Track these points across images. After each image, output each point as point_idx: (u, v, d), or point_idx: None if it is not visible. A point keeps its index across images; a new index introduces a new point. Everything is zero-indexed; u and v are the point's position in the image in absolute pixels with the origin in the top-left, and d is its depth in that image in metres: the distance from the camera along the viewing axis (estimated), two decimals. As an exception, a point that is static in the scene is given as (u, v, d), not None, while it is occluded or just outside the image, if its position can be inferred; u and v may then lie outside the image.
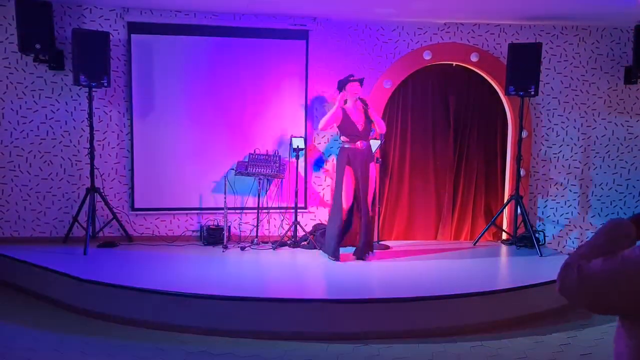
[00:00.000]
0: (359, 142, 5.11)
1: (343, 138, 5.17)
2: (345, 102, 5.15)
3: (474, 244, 5.95)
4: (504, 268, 5.32)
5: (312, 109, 5.88)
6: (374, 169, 5.21)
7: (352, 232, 5.38)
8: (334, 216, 5.19)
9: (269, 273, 4.85)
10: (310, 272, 4.84)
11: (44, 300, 4.62)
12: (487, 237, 6.14)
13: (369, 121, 5.15)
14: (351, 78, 5.17)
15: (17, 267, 4.88)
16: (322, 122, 5.17)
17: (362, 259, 5.13)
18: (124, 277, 4.44)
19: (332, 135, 5.87)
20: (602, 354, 3.91)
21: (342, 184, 5.10)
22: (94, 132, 5.43)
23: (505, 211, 6.08)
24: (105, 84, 5.27)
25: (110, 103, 5.64)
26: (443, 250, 5.75)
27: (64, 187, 5.62)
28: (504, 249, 5.87)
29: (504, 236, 6.10)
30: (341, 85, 5.20)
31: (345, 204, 5.09)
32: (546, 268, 5.05)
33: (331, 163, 5.59)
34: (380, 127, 5.24)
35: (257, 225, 5.78)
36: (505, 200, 6.12)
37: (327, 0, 5.08)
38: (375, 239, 5.81)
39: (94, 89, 5.34)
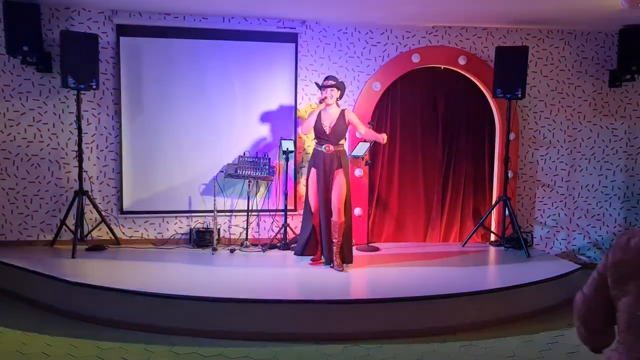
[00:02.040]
0: (325, 146, 4.95)
1: (314, 139, 5.10)
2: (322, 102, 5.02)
3: (463, 246, 5.99)
4: (492, 269, 5.36)
5: (302, 112, 5.90)
6: (341, 176, 4.92)
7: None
8: (305, 216, 5.18)
9: (259, 275, 4.84)
10: (300, 274, 4.85)
11: (32, 303, 4.58)
12: (476, 238, 6.19)
13: (341, 128, 4.96)
14: (325, 82, 5.04)
15: (4, 271, 4.84)
16: (303, 126, 5.11)
17: (330, 266, 4.95)
18: (113, 280, 4.42)
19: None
20: (589, 352, 3.95)
21: (307, 186, 5.11)
22: (83, 134, 5.40)
23: (493, 213, 6.13)
24: (94, 87, 5.25)
25: (99, 106, 5.62)
26: (432, 252, 5.78)
27: (52, 190, 5.59)
28: (492, 250, 5.92)
29: (492, 237, 6.15)
30: (320, 87, 5.11)
31: (313, 207, 5.04)
32: (534, 269, 5.10)
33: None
34: (370, 138, 5.20)
35: (247, 228, 5.78)
36: (493, 202, 6.17)
37: (316, 3, 5.11)
38: (365, 241, 5.84)
39: (82, 92, 5.32)
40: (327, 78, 5.09)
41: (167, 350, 3.83)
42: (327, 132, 4.97)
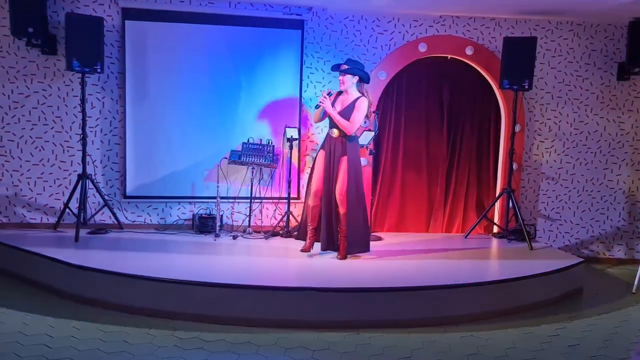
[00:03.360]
0: (332, 130, 4.90)
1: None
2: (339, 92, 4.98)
3: (466, 237, 5.98)
4: (494, 261, 5.35)
5: (306, 101, 5.87)
6: (345, 164, 4.84)
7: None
8: (307, 198, 5.07)
9: (261, 261, 4.85)
10: (303, 262, 4.85)
11: (34, 285, 4.60)
12: (479, 230, 6.18)
13: (349, 114, 4.83)
14: (341, 66, 4.91)
15: (7, 253, 4.86)
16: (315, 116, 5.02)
17: (332, 250, 4.94)
18: (115, 263, 4.42)
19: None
20: (590, 346, 3.96)
21: (312, 168, 5.03)
22: (87, 118, 5.39)
23: (497, 205, 6.12)
24: (99, 70, 5.23)
25: (103, 89, 5.60)
26: (434, 242, 5.78)
27: (55, 173, 5.58)
28: (495, 242, 5.91)
29: (495, 229, 6.14)
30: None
31: (315, 186, 4.91)
32: (536, 261, 5.09)
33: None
34: (343, 127, 4.80)
35: (250, 215, 5.78)
36: (497, 194, 6.15)
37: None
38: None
39: (87, 75, 5.30)
40: (346, 61, 4.93)
41: (168, 334, 3.84)
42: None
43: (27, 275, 4.70)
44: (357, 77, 4.89)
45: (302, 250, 5.02)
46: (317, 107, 4.92)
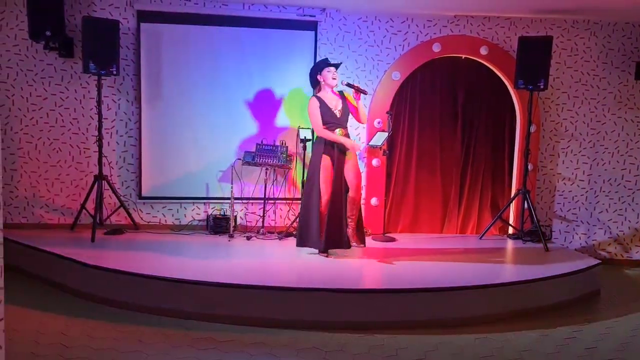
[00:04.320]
0: (338, 130, 4.87)
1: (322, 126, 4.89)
2: (319, 89, 4.96)
3: (480, 238, 5.94)
4: (509, 262, 5.30)
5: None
6: (354, 157, 4.96)
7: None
8: (310, 207, 4.87)
9: (275, 262, 4.86)
10: (316, 263, 4.84)
11: (51, 285, 4.66)
12: (494, 231, 6.13)
13: (346, 108, 4.92)
14: (327, 62, 4.97)
15: (25, 253, 4.92)
16: (316, 125, 4.88)
17: (347, 247, 4.91)
18: (131, 263, 4.46)
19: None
20: (608, 348, 3.90)
21: (317, 173, 4.85)
22: (103, 120, 5.44)
23: (512, 205, 6.06)
24: (115, 72, 5.28)
25: (119, 91, 5.65)
26: (449, 243, 5.75)
27: (72, 174, 5.65)
28: (510, 243, 5.86)
29: (510, 230, 6.09)
30: (315, 71, 4.96)
31: (326, 194, 4.84)
32: (552, 263, 5.03)
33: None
34: (363, 117, 5.01)
35: (263, 216, 5.79)
36: (512, 195, 6.10)
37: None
38: (381, 231, 5.81)
39: (103, 77, 5.35)
40: (323, 60, 5.06)
41: (183, 334, 3.86)
42: (338, 116, 4.91)
43: (44, 275, 4.76)
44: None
45: (322, 253, 4.93)
46: (361, 90, 4.92)
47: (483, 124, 6.18)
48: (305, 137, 5.69)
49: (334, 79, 4.93)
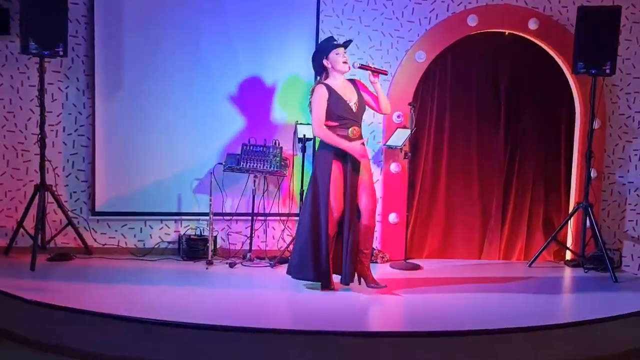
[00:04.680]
0: (352, 129, 4.84)
1: (329, 123, 4.81)
2: (327, 75, 4.92)
3: (530, 265, 5.95)
4: (567, 296, 5.30)
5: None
6: (369, 166, 4.99)
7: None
8: (314, 228, 4.84)
9: (266, 297, 4.86)
10: (319, 297, 4.84)
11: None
12: (547, 256, 6.14)
13: (362, 100, 4.90)
14: (334, 42, 4.95)
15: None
16: (315, 124, 4.86)
17: (345, 284, 4.90)
18: (82, 299, 4.45)
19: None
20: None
21: (327, 185, 4.81)
22: (46, 113, 5.46)
23: (570, 223, 6.06)
24: (61, 53, 5.31)
25: (67, 77, 5.68)
26: (489, 272, 5.75)
27: (7, 183, 5.67)
28: (567, 271, 5.86)
29: (569, 256, 6.09)
30: (320, 55, 4.93)
31: (336, 212, 4.83)
32: (622, 297, 5.04)
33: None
34: (385, 105, 4.97)
35: (251, 236, 5.80)
36: (570, 210, 6.10)
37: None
38: (402, 256, 5.82)
39: (46, 59, 5.37)
40: (328, 40, 5.05)
41: (148, 390, 3.86)
42: (354, 110, 4.87)
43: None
44: None
45: (326, 289, 4.93)
46: (379, 71, 4.91)
47: (532, 119, 6.18)
48: (304, 135, 5.71)
49: (345, 62, 4.86)
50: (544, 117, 6.21)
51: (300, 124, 5.79)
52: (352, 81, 5.01)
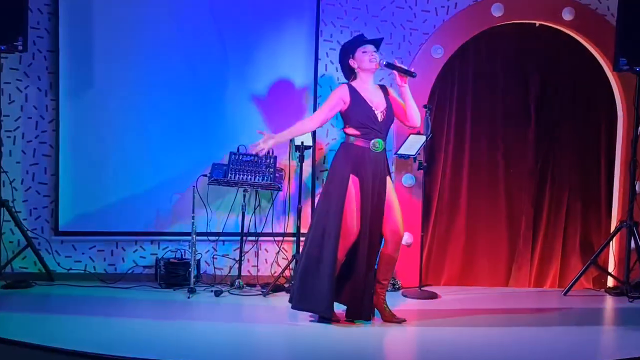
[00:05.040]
0: (374, 142, 4.82)
1: (349, 130, 4.84)
2: (355, 77, 4.93)
3: (565, 294, 5.92)
4: (609, 330, 5.28)
5: (325, 89, 5.89)
6: (391, 186, 4.92)
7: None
8: (322, 251, 4.80)
9: (258, 332, 4.82)
10: (321, 332, 4.81)
11: None
12: (585, 283, 6.12)
13: (391, 109, 4.89)
14: (363, 40, 4.95)
15: None
16: (314, 117, 4.99)
17: (367, 320, 4.91)
18: (42, 333, 4.42)
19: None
20: None
21: (342, 203, 4.78)
22: (2, 118, 5.45)
23: (612, 245, 6.05)
24: (20, 48, 5.31)
25: (27, 76, 5.67)
26: (518, 302, 5.74)
27: (-43, 198, 5.65)
28: (609, 301, 5.84)
29: (610, 282, 6.07)
30: (346, 54, 4.93)
31: (351, 236, 4.79)
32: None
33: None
34: (414, 116, 4.92)
35: (241, 260, 5.78)
36: (612, 229, 6.08)
37: None
38: (417, 283, 5.79)
39: (2, 55, 5.37)
40: (357, 37, 5.03)
41: None
42: (380, 119, 4.85)
43: None
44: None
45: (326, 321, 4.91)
46: (406, 72, 4.82)
47: (567, 124, 6.18)
48: (302, 142, 5.69)
49: (372, 61, 4.82)
50: (580, 121, 6.21)
51: (298, 129, 5.78)
52: (383, 87, 4.97)
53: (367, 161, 4.80)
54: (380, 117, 4.84)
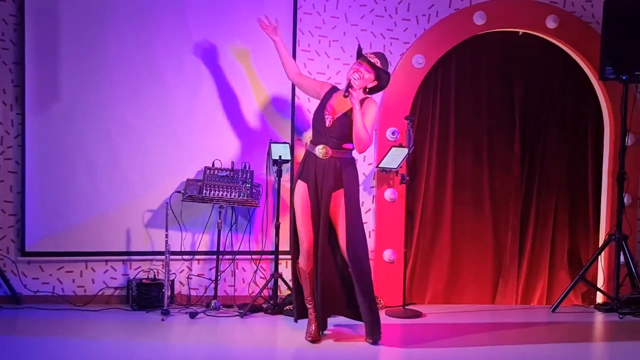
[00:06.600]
0: (320, 147, 4.80)
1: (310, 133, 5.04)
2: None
3: (553, 311, 5.94)
4: (599, 348, 5.29)
5: (303, 98, 5.90)
6: (342, 203, 4.81)
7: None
8: (295, 263, 5.07)
9: (234, 355, 4.80)
10: (304, 354, 4.80)
11: None
12: (574, 299, 6.15)
13: (348, 119, 4.77)
14: (368, 55, 4.93)
15: None
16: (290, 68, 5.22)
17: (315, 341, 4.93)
18: (7, 359, 4.37)
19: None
20: None
21: (294, 207, 5.00)
22: (-35, 133, 5.44)
23: (601, 259, 6.07)
24: (-16, 60, 5.30)
25: (-9, 89, 5.65)
26: (504, 319, 5.74)
27: None
28: (599, 317, 5.85)
29: (600, 298, 6.09)
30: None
31: (305, 243, 4.90)
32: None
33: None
34: (355, 139, 4.73)
35: (217, 279, 5.75)
36: (600, 243, 6.11)
37: None
38: (400, 301, 5.78)
39: (-34, 67, 5.36)
40: (377, 53, 4.96)
41: None
42: (327, 125, 4.83)
43: None
44: (375, 83, 4.85)
45: (309, 340, 4.93)
46: (346, 94, 4.68)
47: (553, 135, 6.23)
48: (280, 156, 5.69)
49: (360, 76, 4.76)
50: (566, 132, 6.26)
51: (275, 142, 5.77)
52: (366, 99, 4.85)
53: (311, 166, 4.89)
54: (328, 122, 4.83)
